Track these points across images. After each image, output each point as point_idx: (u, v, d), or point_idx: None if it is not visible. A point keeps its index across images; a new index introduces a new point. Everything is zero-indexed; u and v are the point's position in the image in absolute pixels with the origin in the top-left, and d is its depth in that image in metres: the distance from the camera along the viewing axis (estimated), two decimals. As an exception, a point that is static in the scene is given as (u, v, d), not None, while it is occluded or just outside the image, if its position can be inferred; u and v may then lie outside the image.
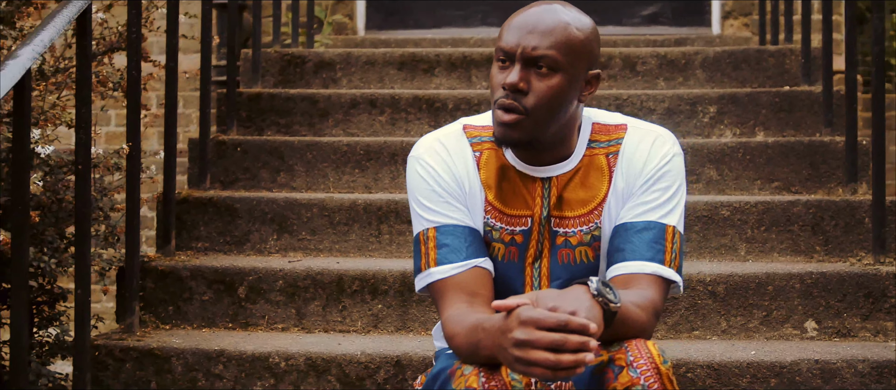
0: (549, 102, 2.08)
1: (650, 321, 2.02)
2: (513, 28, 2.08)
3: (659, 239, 2.14)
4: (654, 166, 2.17)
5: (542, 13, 2.09)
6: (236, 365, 2.79)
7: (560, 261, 2.19)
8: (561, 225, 2.18)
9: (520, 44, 2.06)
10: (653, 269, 2.11)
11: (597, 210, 2.19)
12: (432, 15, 5.43)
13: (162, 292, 3.10)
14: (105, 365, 2.83)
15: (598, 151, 2.20)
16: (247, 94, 3.98)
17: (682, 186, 2.21)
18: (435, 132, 2.24)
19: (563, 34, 2.07)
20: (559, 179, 2.18)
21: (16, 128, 2.37)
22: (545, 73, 2.06)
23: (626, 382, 1.93)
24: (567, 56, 2.08)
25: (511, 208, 2.19)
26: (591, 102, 2.30)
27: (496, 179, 2.19)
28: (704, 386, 2.66)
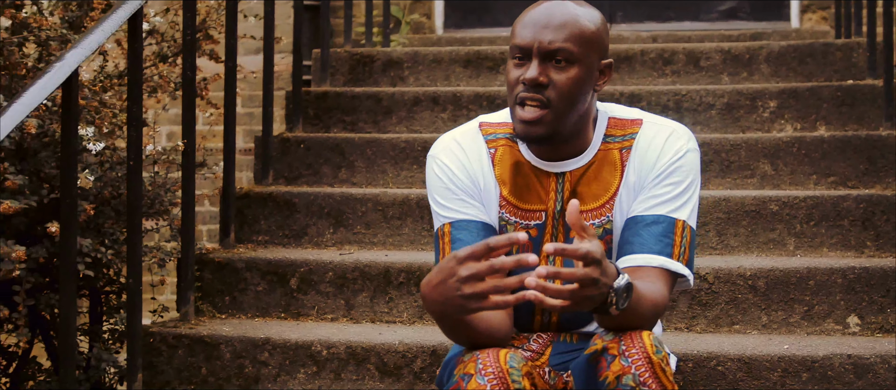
0: (570, 94, 2.13)
1: (650, 314, 2.05)
2: (527, 25, 2.14)
3: (668, 232, 2.17)
4: (666, 161, 2.21)
5: (553, 8, 2.14)
6: (281, 352, 2.90)
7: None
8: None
9: (536, 39, 2.11)
10: (660, 262, 2.15)
11: (609, 203, 2.23)
12: (509, 12, 5.48)
13: (219, 283, 3.24)
14: (159, 352, 2.97)
15: (612, 146, 2.24)
16: (314, 92, 4.10)
17: (695, 182, 2.23)
18: (453, 131, 2.31)
19: (576, 26, 2.12)
20: (573, 174, 2.23)
21: (64, 125, 2.51)
22: (563, 66, 2.12)
23: (617, 370, 1.97)
24: (581, 47, 2.13)
25: (525, 202, 2.25)
26: (649, 102, 2.33)
27: (510, 175, 2.25)
28: (735, 379, 2.67)
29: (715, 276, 2.97)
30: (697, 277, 2.97)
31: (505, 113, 2.31)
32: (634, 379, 1.96)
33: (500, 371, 2.01)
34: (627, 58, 4.19)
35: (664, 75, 4.16)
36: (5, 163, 2.72)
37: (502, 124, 2.30)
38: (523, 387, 2.02)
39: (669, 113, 3.84)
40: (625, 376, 1.96)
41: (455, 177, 2.25)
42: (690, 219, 2.21)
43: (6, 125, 2.30)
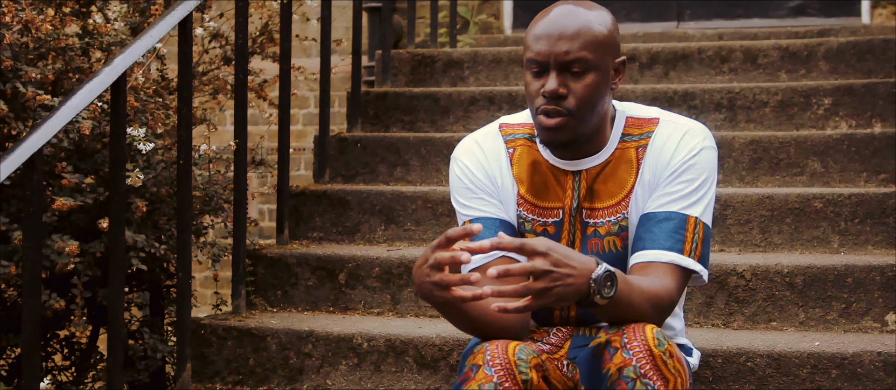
0: (589, 100, 2.19)
1: (649, 308, 2.09)
2: (541, 37, 2.19)
3: (679, 229, 2.21)
4: (680, 159, 2.25)
5: (565, 16, 2.19)
6: (324, 344, 3.01)
7: (590, 251, 2.29)
8: (591, 216, 2.29)
9: (551, 51, 2.17)
10: (670, 258, 2.19)
11: (624, 201, 2.28)
12: (577, 12, 5.51)
13: (271, 278, 3.36)
14: (210, 343, 3.10)
15: (629, 145, 2.29)
16: (374, 93, 4.20)
17: (710, 179, 2.26)
18: (475, 133, 2.39)
19: (589, 34, 2.18)
20: (589, 172, 2.29)
21: (112, 126, 2.65)
22: (580, 74, 2.17)
23: (619, 362, 2.02)
24: (596, 53, 2.19)
25: (543, 200, 2.31)
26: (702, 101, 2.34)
27: (528, 174, 2.31)
28: (764, 375, 2.69)
29: (752, 273, 2.99)
30: (735, 274, 2.99)
31: (525, 114, 2.37)
32: (635, 371, 2.01)
33: (507, 362, 2.08)
34: (684, 56, 4.20)
35: (722, 73, 4.16)
36: (63, 163, 2.87)
37: (522, 125, 2.36)
38: (530, 379, 2.08)
39: (723, 111, 3.85)
40: (626, 368, 2.01)
41: (474, 177, 2.32)
42: (704, 215, 2.24)
43: (54, 126, 2.44)
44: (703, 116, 3.86)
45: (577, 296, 1.96)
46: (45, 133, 2.40)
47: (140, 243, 2.99)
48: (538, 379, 2.10)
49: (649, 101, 3.90)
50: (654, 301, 2.11)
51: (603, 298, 1.98)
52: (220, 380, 3.08)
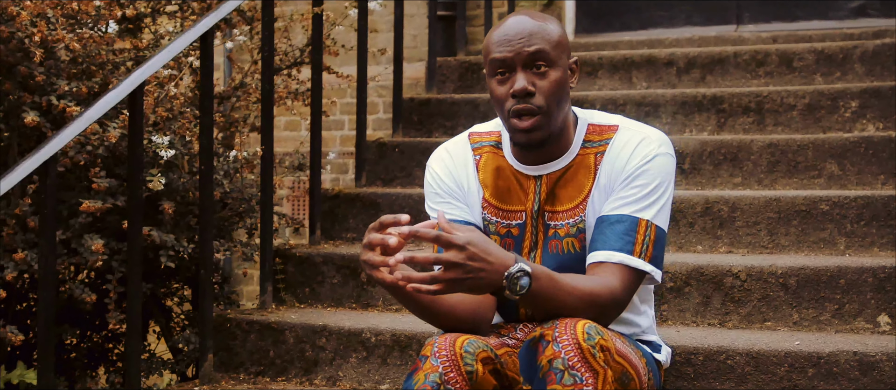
0: (555, 96, 2.32)
1: (584, 304, 2.20)
2: (501, 42, 2.32)
3: (630, 231, 2.31)
4: (634, 165, 2.35)
5: (519, 22, 2.33)
6: (336, 338, 3.19)
7: (550, 251, 2.41)
8: (552, 218, 2.41)
9: (515, 51, 2.30)
10: (619, 259, 2.30)
11: (582, 204, 2.40)
12: (638, 16, 5.59)
13: (300, 275, 3.56)
14: (235, 336, 3.32)
15: (589, 151, 2.40)
16: (418, 99, 4.38)
17: (664, 184, 2.35)
18: (448, 141, 2.54)
19: (545, 33, 2.31)
20: (550, 177, 2.41)
21: (130, 134, 2.89)
22: (544, 71, 2.30)
23: (549, 355, 2.14)
24: (554, 50, 2.31)
25: (506, 204, 2.44)
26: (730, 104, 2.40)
27: (492, 179, 2.45)
28: (743, 373, 2.76)
29: (747, 274, 3.05)
30: (731, 275, 3.06)
31: (494, 122, 2.51)
32: (563, 363, 2.12)
33: (453, 354, 2.22)
34: (720, 60, 4.26)
35: (757, 77, 4.20)
36: (96, 168, 3.12)
37: (489, 134, 2.50)
38: (475, 371, 2.22)
39: (751, 114, 3.91)
40: (556, 360, 2.13)
41: (442, 183, 2.47)
42: (657, 218, 2.34)
43: (69, 134, 2.69)
44: (732, 120, 3.93)
45: (490, 289, 2.09)
46: (60, 140, 2.65)
47: (169, 243, 3.23)
48: (484, 371, 2.23)
49: (678, 107, 3.99)
50: (590, 299, 2.21)
51: (514, 293, 2.10)
52: (244, 371, 3.29)
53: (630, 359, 2.28)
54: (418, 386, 2.21)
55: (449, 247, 2.07)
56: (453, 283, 2.06)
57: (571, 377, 2.12)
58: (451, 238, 2.07)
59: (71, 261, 3.12)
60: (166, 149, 3.09)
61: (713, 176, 3.67)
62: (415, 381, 2.22)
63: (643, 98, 4.05)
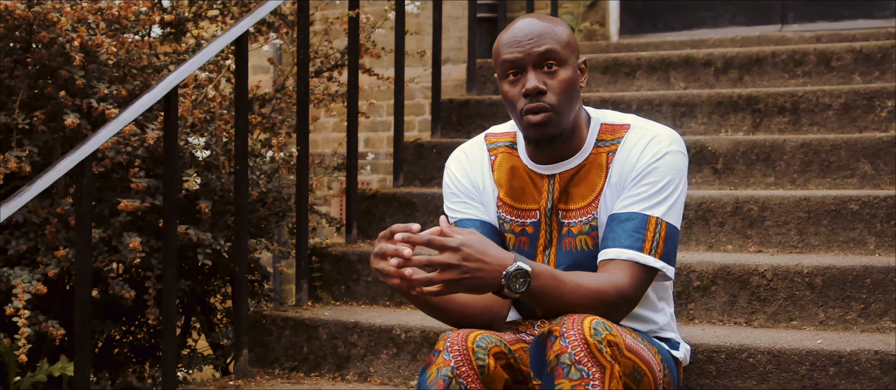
0: (566, 94, 2.37)
1: (589, 301, 2.24)
2: (512, 43, 2.38)
3: (640, 228, 2.35)
4: (644, 163, 2.39)
5: (529, 24, 2.38)
6: (367, 335, 3.26)
7: (564, 249, 2.46)
8: (566, 216, 2.46)
9: (525, 51, 2.35)
10: (628, 255, 2.34)
11: (594, 202, 2.44)
12: (682, 17, 5.60)
13: (335, 273, 3.64)
14: (270, 332, 3.40)
15: (602, 150, 2.45)
16: (458, 100, 4.44)
17: (674, 182, 2.38)
18: (465, 143, 2.60)
19: (554, 33, 2.37)
20: (563, 175, 2.46)
21: (165, 135, 2.98)
22: (554, 70, 2.36)
23: (557, 350, 2.19)
24: (564, 49, 2.37)
25: (521, 203, 2.49)
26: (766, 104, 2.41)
27: (507, 179, 2.50)
28: (765, 371, 2.78)
29: (773, 273, 3.06)
30: (757, 274, 3.08)
31: (510, 123, 2.56)
32: (570, 358, 2.17)
33: (465, 349, 2.28)
34: (758, 60, 4.26)
35: (795, 77, 4.20)
36: (135, 168, 3.22)
37: (504, 134, 2.55)
38: (487, 365, 2.27)
39: (787, 114, 3.91)
40: (563, 355, 2.18)
41: (459, 184, 2.53)
42: (668, 216, 2.37)
43: (104, 135, 2.79)
44: (767, 120, 3.93)
45: (490, 288, 2.14)
46: (95, 142, 2.75)
47: (206, 241, 3.32)
48: (496, 365, 2.29)
49: (713, 107, 4.00)
50: (596, 296, 2.25)
51: (514, 292, 2.16)
52: (279, 366, 3.38)
53: (642, 355, 2.32)
54: (431, 379, 2.27)
55: (443, 249, 2.13)
56: (451, 284, 2.12)
57: (578, 371, 2.16)
58: (444, 241, 2.12)
59: (111, 259, 3.22)
60: (202, 149, 3.17)
61: (746, 176, 3.67)
62: (428, 375, 2.28)
63: (679, 98, 4.06)
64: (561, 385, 2.17)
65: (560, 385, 2.17)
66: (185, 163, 3.30)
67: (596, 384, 2.17)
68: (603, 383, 2.17)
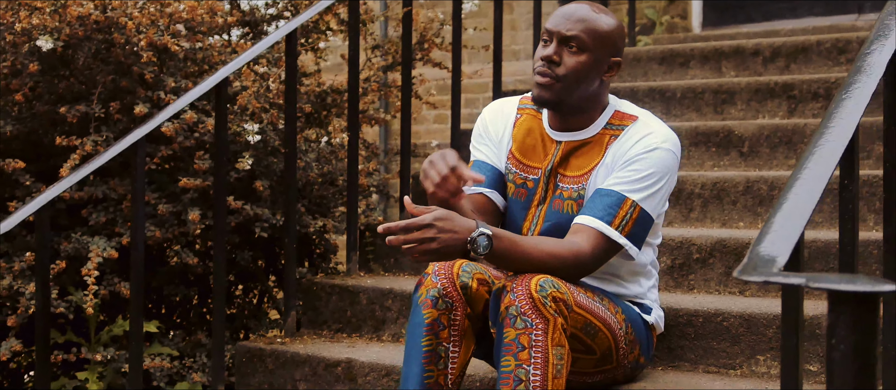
0: (576, 74, 2.69)
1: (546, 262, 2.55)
2: (555, 16, 2.72)
3: (615, 205, 2.64)
4: (636, 152, 2.68)
5: (577, 8, 2.71)
6: (400, 300, 3.63)
7: (553, 208, 2.79)
8: (561, 180, 2.78)
9: (558, 27, 2.69)
10: (595, 224, 2.63)
11: (587, 175, 2.75)
12: (761, 8, 5.75)
13: (386, 248, 4.02)
14: (320, 297, 3.81)
15: (608, 132, 2.75)
16: (521, 91, 4.75)
17: (658, 175, 2.66)
18: (504, 98, 2.96)
19: (591, 24, 2.68)
20: (568, 144, 2.77)
21: (216, 121, 3.42)
22: (575, 51, 2.68)
23: (507, 302, 2.50)
24: (593, 40, 2.67)
25: (528, 160, 2.83)
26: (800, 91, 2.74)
27: (522, 136, 2.84)
28: (737, 334, 3.02)
29: (765, 246, 3.28)
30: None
31: None
32: (517, 310, 2.48)
33: (450, 272, 2.62)
34: (804, 49, 4.43)
35: (839, 64, 4.35)
36: (201, 151, 3.68)
37: None
38: (469, 285, 2.60)
39: (820, 100, 4.08)
40: (511, 307, 2.49)
41: (485, 128, 2.90)
42: (644, 203, 2.64)
43: (158, 120, 3.26)
44: (802, 105, 4.11)
45: (459, 251, 2.47)
46: (147, 126, 3.21)
47: (263, 216, 3.76)
48: (478, 286, 2.61)
49: (751, 94, 4.21)
50: (552, 257, 2.54)
51: (478, 252, 2.48)
52: (327, 328, 3.78)
53: (595, 313, 2.61)
54: (422, 299, 2.63)
55: (420, 227, 2.47)
56: (430, 253, 2.44)
57: (523, 322, 2.47)
58: (419, 220, 2.46)
59: (180, 230, 3.69)
60: (254, 134, 3.61)
61: (770, 158, 3.87)
62: (419, 295, 2.65)
63: (720, 86, 4.28)
64: (508, 333, 2.49)
65: (508, 333, 2.49)
66: (242, 146, 3.74)
67: (538, 333, 2.47)
68: (545, 333, 2.48)
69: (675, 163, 2.69)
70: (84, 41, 3.59)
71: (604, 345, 2.64)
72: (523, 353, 2.44)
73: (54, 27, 3.54)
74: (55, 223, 3.69)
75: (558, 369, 2.45)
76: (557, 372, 2.45)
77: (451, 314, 2.62)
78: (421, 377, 2.59)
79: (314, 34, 4.33)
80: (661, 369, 3.07)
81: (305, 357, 3.44)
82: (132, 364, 3.23)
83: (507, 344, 2.46)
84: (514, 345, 2.45)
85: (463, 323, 2.63)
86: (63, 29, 3.55)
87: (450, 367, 2.62)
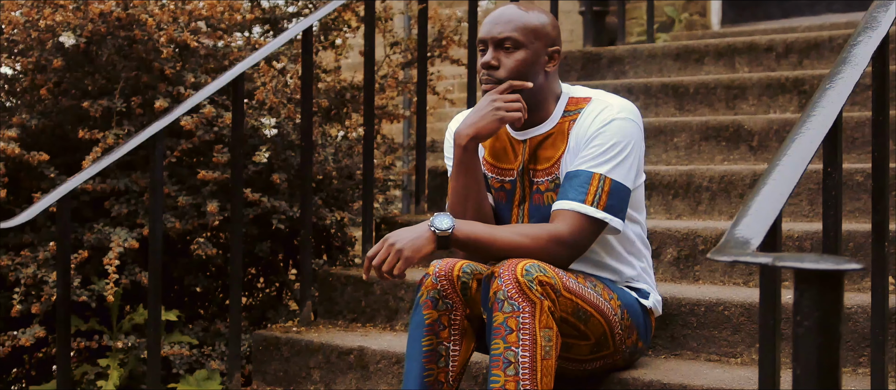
0: (516, 72, 2.78)
1: (528, 244, 2.63)
2: (485, 24, 2.81)
3: (584, 183, 2.71)
4: (594, 129, 2.75)
5: (504, 11, 2.80)
6: (413, 290, 3.71)
7: (534, 203, 2.86)
8: (535, 175, 2.86)
9: (490, 33, 2.78)
10: (570, 206, 2.70)
11: (556, 164, 2.82)
12: (780, 5, 5.78)
13: (401, 240, 4.10)
14: (335, 288, 3.90)
15: (566, 119, 2.83)
16: (537, 87, 4.82)
17: (620, 144, 2.72)
18: (467, 109, 3.02)
19: (520, 21, 2.76)
20: (533, 140, 2.85)
21: (233, 114, 3.52)
22: (510, 51, 2.77)
23: (495, 288, 2.58)
24: (526, 36, 2.76)
25: (501, 163, 2.91)
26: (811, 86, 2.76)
27: (490, 142, 2.92)
28: (738, 322, 3.07)
29: (768, 238, 3.34)
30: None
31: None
32: (504, 294, 2.56)
33: (450, 274, 2.72)
34: (816, 45, 4.47)
35: (851, 59, 4.38)
36: (219, 145, 3.78)
37: None
38: (469, 285, 2.70)
39: (830, 95, 4.11)
40: (499, 292, 2.57)
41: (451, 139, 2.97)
42: (613, 173, 2.70)
43: (182, 108, 3.36)
44: (812, 100, 4.15)
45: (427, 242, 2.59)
46: (164, 120, 3.32)
47: (280, 208, 3.86)
48: (477, 286, 2.70)
49: (763, 89, 4.25)
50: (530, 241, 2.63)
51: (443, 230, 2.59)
52: (342, 318, 3.87)
53: (586, 298, 2.68)
54: (423, 300, 2.73)
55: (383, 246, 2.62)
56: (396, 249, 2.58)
57: (510, 305, 2.55)
58: (380, 243, 2.62)
59: (199, 222, 3.79)
60: (271, 128, 3.70)
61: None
62: (420, 294, 2.74)
63: (732, 82, 4.33)
64: (497, 317, 2.57)
65: (496, 317, 2.57)
66: (260, 140, 3.84)
67: (525, 316, 2.55)
68: (532, 315, 2.55)
69: (635, 129, 2.74)
70: (106, 37, 3.71)
71: (598, 331, 2.71)
72: (511, 336, 2.52)
73: (77, 23, 3.66)
74: (79, 215, 3.80)
75: (546, 350, 2.53)
76: (546, 353, 2.52)
77: (451, 314, 2.71)
78: (421, 375, 2.68)
79: (333, 31, 4.42)
80: (663, 357, 3.13)
81: (319, 345, 3.53)
82: (150, 350, 3.33)
83: (496, 327, 2.54)
84: (502, 329, 2.53)
85: (462, 324, 2.72)
86: (86, 25, 3.66)
87: (450, 366, 2.70)
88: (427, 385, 2.70)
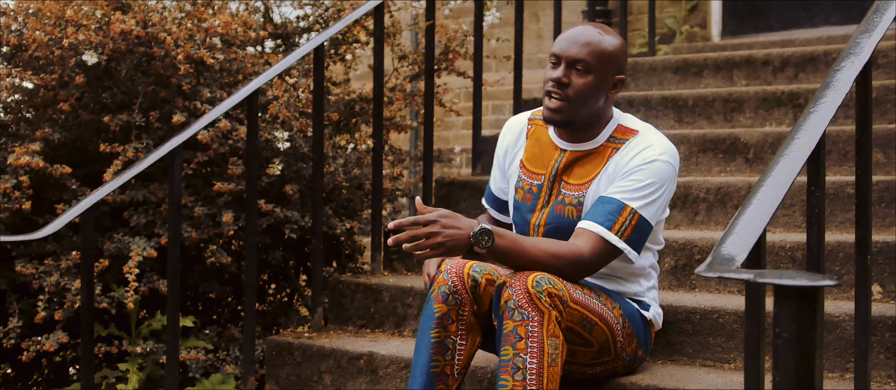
0: (584, 94, 2.92)
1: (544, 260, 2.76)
2: (562, 40, 2.95)
3: (615, 212, 2.85)
4: (636, 163, 2.90)
5: (583, 30, 2.94)
6: (421, 298, 3.85)
7: (554, 212, 3.01)
8: (564, 187, 3.00)
9: (565, 51, 2.92)
10: (595, 229, 2.85)
11: (587, 184, 2.97)
12: (781, 17, 5.91)
13: (409, 248, 4.24)
14: (345, 295, 4.05)
15: (611, 145, 2.97)
16: (540, 99, 4.97)
17: (655, 184, 2.87)
18: (521, 113, 3.21)
19: (597, 46, 2.91)
20: (573, 153, 3.00)
21: (248, 128, 3.67)
22: (582, 73, 2.91)
23: (506, 297, 2.73)
24: (598, 62, 2.91)
25: (535, 167, 3.06)
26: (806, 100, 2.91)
27: (531, 145, 3.09)
28: (732, 330, 3.21)
29: (762, 248, 3.47)
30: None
31: None
32: (514, 303, 2.70)
33: (461, 272, 2.86)
34: (812, 59, 4.61)
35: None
36: (234, 157, 3.93)
37: None
38: (479, 283, 2.84)
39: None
40: (509, 301, 2.72)
41: (501, 147, 3.17)
42: (643, 210, 2.85)
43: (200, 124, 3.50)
44: (807, 114, 4.29)
45: (464, 246, 2.69)
46: (183, 135, 3.46)
47: (293, 218, 4.00)
48: (486, 285, 2.84)
49: (760, 102, 4.39)
50: (552, 256, 2.76)
51: (481, 248, 2.70)
52: (352, 323, 4.02)
53: (591, 308, 2.83)
54: (434, 294, 2.87)
55: (426, 223, 2.70)
56: (437, 247, 2.67)
57: (520, 314, 2.70)
58: (424, 217, 2.69)
59: (215, 231, 3.94)
60: (284, 141, 3.85)
61: (774, 164, 4.06)
62: (432, 290, 2.89)
63: (729, 95, 4.47)
64: (507, 324, 2.72)
65: (506, 324, 2.72)
66: (274, 153, 3.99)
67: (534, 325, 2.69)
68: (541, 325, 2.70)
69: (672, 173, 2.90)
70: (126, 55, 3.86)
71: (601, 338, 2.85)
72: (520, 343, 2.66)
73: (99, 42, 3.81)
74: (99, 224, 3.95)
75: (553, 358, 2.67)
76: (552, 360, 2.67)
77: (459, 310, 2.85)
78: (428, 366, 2.83)
79: (344, 46, 4.56)
80: (660, 363, 3.27)
81: (330, 350, 3.67)
82: (169, 356, 3.48)
83: (506, 334, 2.68)
84: (512, 336, 2.67)
85: (470, 319, 2.86)
86: (107, 44, 3.81)
87: (456, 358, 2.85)
88: (433, 375, 2.84)
